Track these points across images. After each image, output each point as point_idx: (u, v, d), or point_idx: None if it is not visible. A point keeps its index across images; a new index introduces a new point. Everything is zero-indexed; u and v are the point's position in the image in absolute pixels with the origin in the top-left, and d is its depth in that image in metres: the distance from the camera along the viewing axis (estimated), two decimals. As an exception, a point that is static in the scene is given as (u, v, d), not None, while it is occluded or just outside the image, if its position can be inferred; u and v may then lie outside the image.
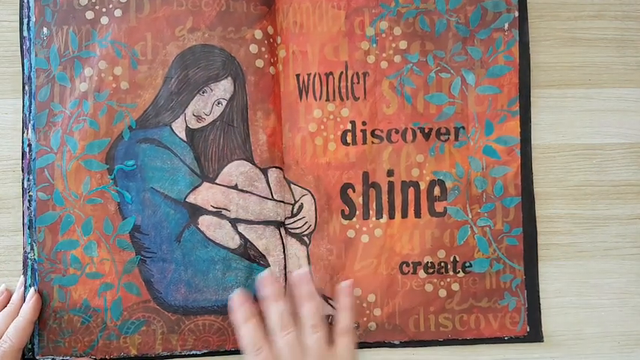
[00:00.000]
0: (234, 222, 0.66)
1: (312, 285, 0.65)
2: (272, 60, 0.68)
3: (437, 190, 0.68)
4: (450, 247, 0.68)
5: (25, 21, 0.67)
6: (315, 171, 0.68)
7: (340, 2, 0.69)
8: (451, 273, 0.68)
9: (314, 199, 0.68)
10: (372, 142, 0.68)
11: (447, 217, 0.68)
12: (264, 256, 0.67)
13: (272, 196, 0.67)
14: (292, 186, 0.68)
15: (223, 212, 0.66)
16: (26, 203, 0.66)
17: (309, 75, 0.68)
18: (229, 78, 0.67)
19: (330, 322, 0.67)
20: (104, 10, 0.67)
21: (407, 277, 0.68)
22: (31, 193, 0.66)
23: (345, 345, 0.63)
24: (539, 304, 0.69)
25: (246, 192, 0.67)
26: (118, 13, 0.67)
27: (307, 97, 0.68)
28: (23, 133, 0.67)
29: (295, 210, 0.68)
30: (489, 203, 0.68)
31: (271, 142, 0.67)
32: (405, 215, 0.68)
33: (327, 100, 0.68)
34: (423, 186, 0.68)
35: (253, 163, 0.67)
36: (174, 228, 0.66)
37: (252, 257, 0.66)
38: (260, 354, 0.61)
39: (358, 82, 0.69)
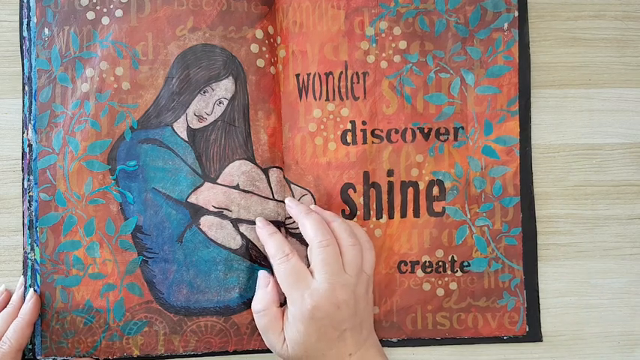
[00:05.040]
0: (236, 222, 0.69)
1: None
2: (272, 60, 0.71)
3: (435, 190, 0.71)
4: (448, 246, 0.71)
5: (25, 21, 0.69)
6: (315, 171, 0.71)
7: (340, 2, 0.71)
8: (449, 272, 0.71)
9: (314, 199, 0.71)
10: (373, 142, 0.71)
11: (446, 217, 0.71)
12: (265, 256, 0.69)
13: (273, 196, 0.70)
14: (292, 186, 0.71)
15: (225, 212, 0.69)
16: (26, 203, 0.69)
17: (308, 75, 0.71)
18: (230, 77, 0.70)
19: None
20: (105, 10, 0.69)
21: (405, 276, 0.71)
22: (31, 194, 0.68)
23: (371, 262, 0.66)
24: (539, 303, 0.71)
25: (248, 192, 0.69)
26: (118, 13, 0.69)
27: (307, 96, 0.71)
28: (23, 133, 0.69)
29: (295, 210, 0.71)
30: (488, 203, 0.71)
31: (272, 142, 0.70)
32: (404, 215, 0.71)
33: (327, 99, 0.71)
34: (422, 186, 0.71)
35: (255, 163, 0.69)
36: (176, 228, 0.69)
37: (253, 258, 0.69)
38: (290, 259, 0.64)
39: (358, 82, 0.71)
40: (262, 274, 0.68)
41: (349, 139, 0.71)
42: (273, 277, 0.66)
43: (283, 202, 0.70)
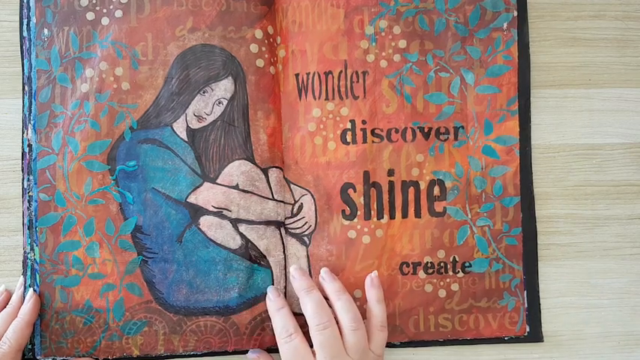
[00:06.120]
0: (235, 222, 0.69)
1: (340, 282, 0.68)
2: (272, 60, 0.71)
3: (436, 190, 0.71)
4: (449, 247, 0.71)
5: (25, 21, 0.69)
6: (315, 171, 0.71)
7: (339, 1, 0.71)
8: (451, 273, 0.70)
9: (314, 199, 0.71)
10: (373, 142, 0.71)
11: (447, 217, 0.71)
12: (264, 256, 0.69)
13: (273, 196, 0.70)
14: (292, 186, 0.71)
15: (224, 212, 0.69)
16: (26, 203, 0.68)
17: (308, 74, 0.71)
18: (230, 78, 0.70)
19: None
20: (105, 10, 0.69)
21: (407, 278, 0.71)
22: (31, 194, 0.68)
23: (381, 341, 0.66)
24: (539, 304, 0.71)
25: (247, 192, 0.69)
26: (118, 13, 0.69)
27: (306, 96, 0.71)
28: (23, 133, 0.69)
29: (295, 210, 0.71)
30: (489, 203, 0.71)
31: (271, 141, 0.70)
32: (405, 215, 0.71)
33: (327, 99, 0.71)
34: (422, 186, 0.71)
35: (254, 163, 0.69)
36: (176, 228, 0.69)
37: (253, 258, 0.69)
38: (292, 340, 0.64)
39: (358, 81, 0.71)
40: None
41: (349, 138, 0.71)
42: None
43: (283, 202, 0.70)
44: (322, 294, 0.67)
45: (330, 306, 0.67)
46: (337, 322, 0.65)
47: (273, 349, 0.69)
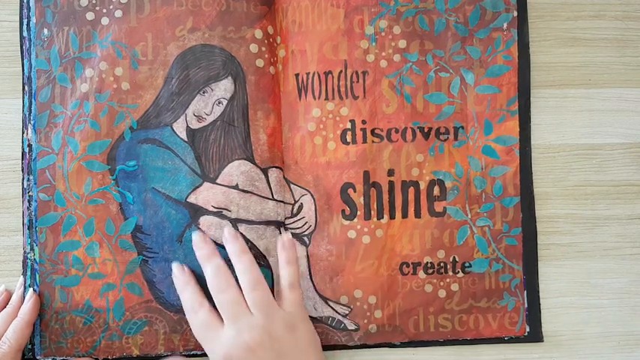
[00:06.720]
0: (235, 222, 0.69)
1: (242, 241, 0.67)
2: (272, 60, 0.71)
3: (436, 190, 0.71)
4: (449, 247, 0.70)
5: (25, 21, 0.69)
6: (315, 170, 0.70)
7: (339, 1, 0.71)
8: (450, 273, 0.70)
9: (313, 199, 0.70)
10: (373, 142, 0.71)
11: (447, 217, 0.70)
12: (264, 256, 0.69)
13: (272, 196, 0.70)
14: (292, 186, 0.70)
15: (224, 212, 0.69)
16: (26, 203, 0.68)
17: (308, 74, 0.71)
18: (230, 78, 0.69)
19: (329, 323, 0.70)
20: (104, 10, 0.69)
21: (407, 278, 0.70)
22: (31, 194, 0.68)
23: (293, 300, 0.66)
24: (539, 304, 0.71)
25: (247, 192, 0.69)
26: (118, 13, 0.69)
27: (306, 96, 0.71)
28: (23, 133, 0.69)
29: (295, 210, 0.70)
30: (488, 203, 0.70)
31: (271, 141, 0.70)
32: (405, 215, 0.70)
33: (327, 99, 0.71)
34: (422, 186, 0.71)
35: (254, 163, 0.69)
36: (176, 228, 0.68)
37: None
38: (199, 313, 0.64)
39: (357, 81, 0.71)
40: None
41: (349, 138, 0.71)
42: None
43: (283, 202, 0.70)
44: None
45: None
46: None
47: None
